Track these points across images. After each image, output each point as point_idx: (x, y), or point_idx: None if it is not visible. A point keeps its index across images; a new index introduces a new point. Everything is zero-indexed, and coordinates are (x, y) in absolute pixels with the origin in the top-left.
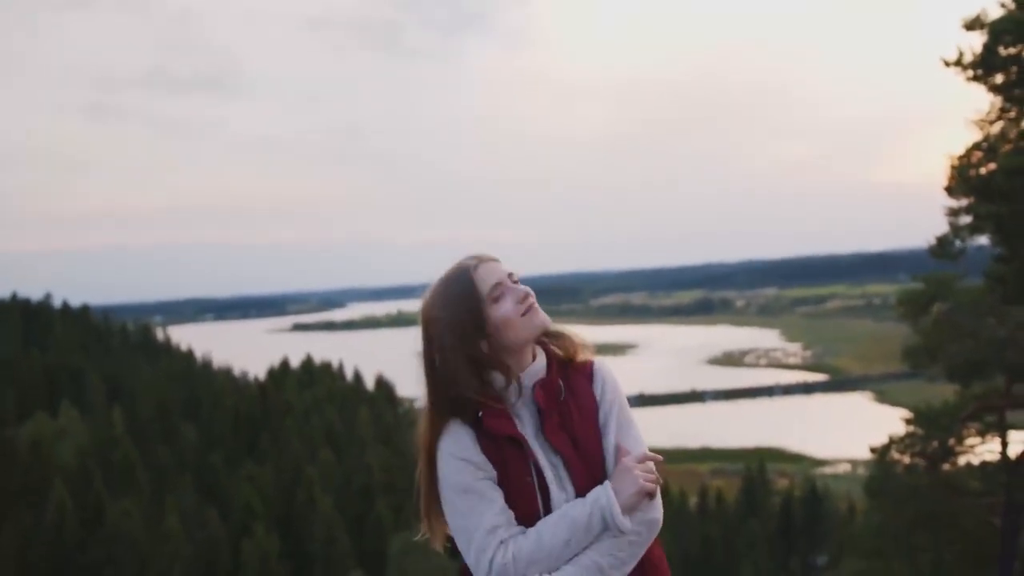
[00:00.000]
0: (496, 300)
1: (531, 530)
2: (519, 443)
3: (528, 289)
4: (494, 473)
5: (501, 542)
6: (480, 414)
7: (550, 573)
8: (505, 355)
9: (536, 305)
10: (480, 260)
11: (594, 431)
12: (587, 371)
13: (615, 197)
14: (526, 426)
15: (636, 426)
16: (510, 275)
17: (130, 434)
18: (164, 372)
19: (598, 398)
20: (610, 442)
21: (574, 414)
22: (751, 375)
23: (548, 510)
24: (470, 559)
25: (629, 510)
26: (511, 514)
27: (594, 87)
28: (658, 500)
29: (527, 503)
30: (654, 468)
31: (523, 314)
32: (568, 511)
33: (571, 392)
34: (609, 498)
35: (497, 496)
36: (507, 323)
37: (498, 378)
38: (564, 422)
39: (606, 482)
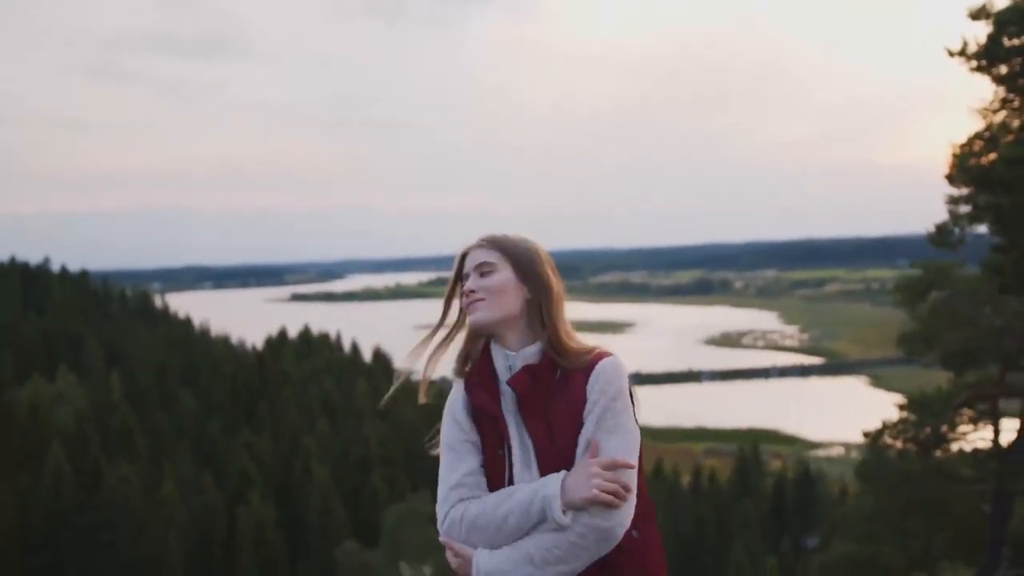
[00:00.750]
0: (457, 293)
1: (483, 498)
2: (495, 417)
3: (470, 288)
4: (476, 437)
5: (461, 500)
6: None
7: (489, 548)
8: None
9: (474, 304)
10: (472, 246)
11: (574, 425)
12: (589, 367)
13: (617, 174)
14: (509, 403)
15: (627, 433)
16: (480, 265)
17: (128, 400)
18: (162, 339)
19: (588, 394)
20: (584, 438)
21: (559, 404)
22: (748, 356)
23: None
24: (436, 507)
25: (572, 508)
26: (481, 480)
27: (598, 61)
28: (618, 513)
29: (497, 475)
30: (624, 480)
31: (466, 308)
32: (517, 489)
33: (564, 383)
34: (553, 489)
35: (472, 459)
36: (461, 318)
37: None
38: (545, 409)
39: (561, 473)
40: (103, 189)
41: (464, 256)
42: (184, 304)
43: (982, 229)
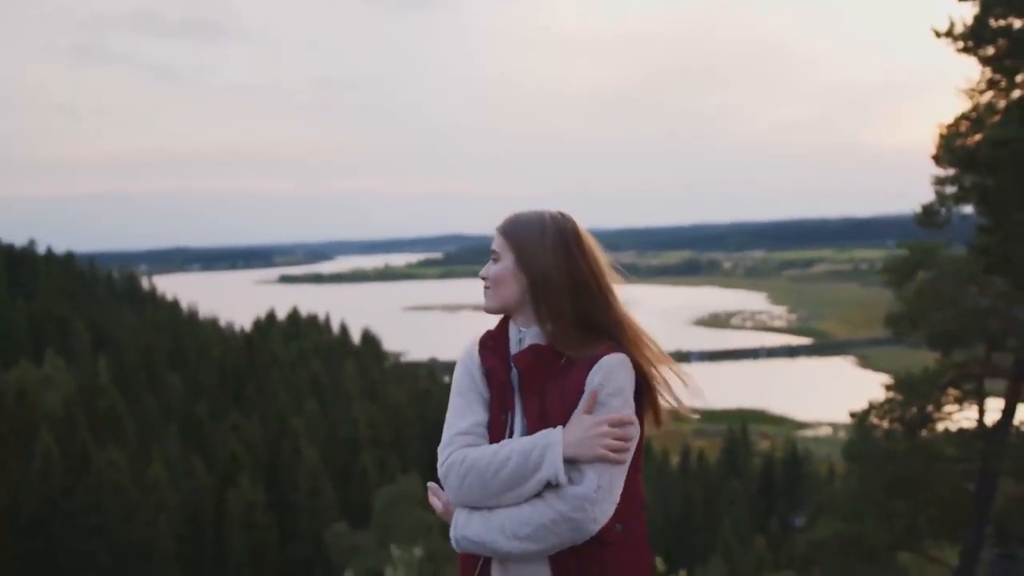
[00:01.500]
0: None
1: (483, 445)
2: (503, 384)
3: (483, 275)
4: (487, 394)
5: (467, 445)
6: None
7: (480, 496)
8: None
9: (484, 291)
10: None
11: (565, 414)
12: (592, 361)
13: (606, 154)
14: (515, 374)
15: (602, 407)
16: (491, 251)
17: (116, 383)
18: (150, 321)
19: (586, 386)
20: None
21: (556, 390)
22: (737, 337)
23: None
24: (439, 449)
25: (574, 462)
26: (486, 433)
27: (589, 41)
28: (595, 508)
29: (495, 439)
30: (629, 435)
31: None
32: (516, 439)
33: (566, 371)
34: (555, 438)
35: (482, 412)
36: None
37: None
38: (542, 391)
39: (558, 427)
40: (89, 172)
41: None
42: (172, 286)
43: (968, 210)
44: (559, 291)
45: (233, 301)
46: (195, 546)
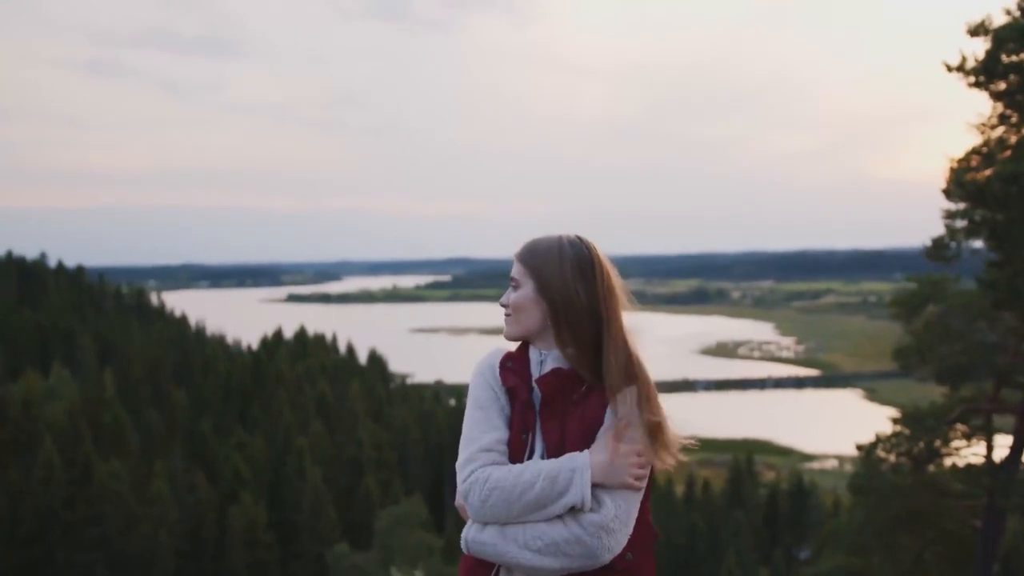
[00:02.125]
0: None
1: (507, 465)
2: (525, 402)
3: (504, 302)
4: (508, 409)
5: (492, 463)
6: (504, 362)
7: (499, 518)
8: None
9: (506, 318)
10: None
11: (584, 443)
12: (611, 391)
13: (614, 180)
14: (536, 395)
15: (627, 438)
16: (511, 278)
17: (121, 396)
18: (157, 336)
19: (607, 415)
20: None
21: (575, 417)
22: (744, 367)
23: None
24: (458, 463)
25: (602, 486)
26: (506, 451)
27: (598, 66)
28: (612, 537)
29: (515, 457)
30: (648, 464)
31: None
32: (538, 461)
33: (584, 398)
34: (582, 462)
35: (503, 428)
36: None
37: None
38: (563, 416)
39: (584, 452)
40: (101, 185)
41: None
42: (180, 302)
43: (978, 244)
44: (581, 316)
45: (240, 319)
46: (195, 562)
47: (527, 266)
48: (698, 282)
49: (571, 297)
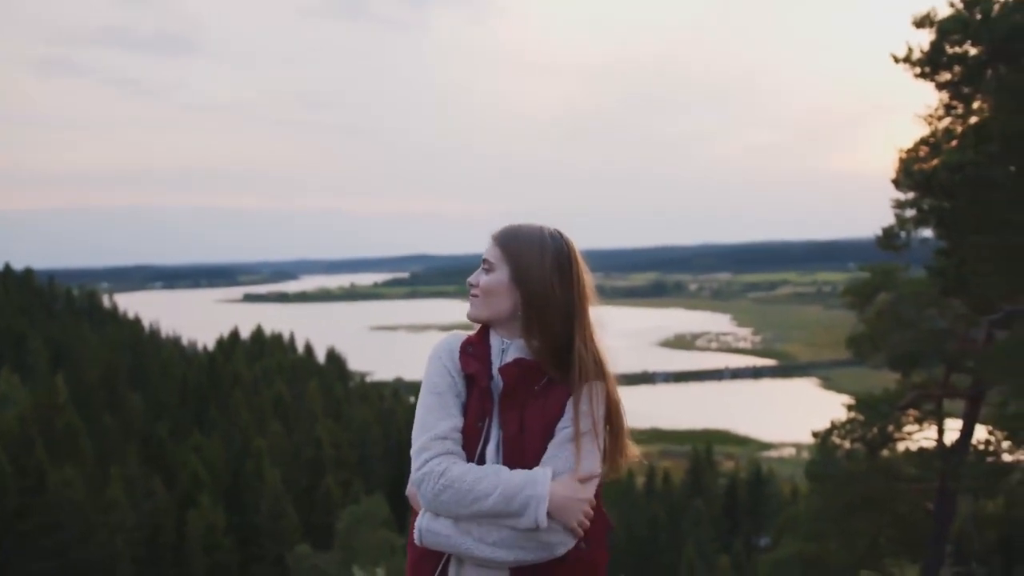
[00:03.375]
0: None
1: (469, 465)
2: (484, 389)
3: (470, 281)
4: (464, 395)
5: (447, 452)
6: (465, 346)
7: (449, 515)
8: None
9: (471, 298)
10: (491, 235)
11: (543, 435)
12: (574, 385)
13: (574, 176)
14: (496, 384)
15: (594, 460)
16: (484, 260)
17: (74, 401)
18: (110, 339)
19: (567, 410)
20: (553, 443)
21: (536, 409)
22: (702, 358)
23: (481, 461)
24: (413, 451)
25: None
26: (460, 438)
27: (558, 63)
28: (568, 534)
29: (469, 445)
30: (591, 515)
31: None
32: (502, 470)
33: (546, 390)
34: (542, 491)
35: (459, 416)
36: None
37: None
38: (523, 407)
39: (548, 472)
40: (51, 186)
41: None
42: (133, 304)
43: (927, 233)
44: (553, 310)
45: (196, 320)
46: (154, 568)
47: (505, 251)
48: (656, 275)
49: (547, 290)
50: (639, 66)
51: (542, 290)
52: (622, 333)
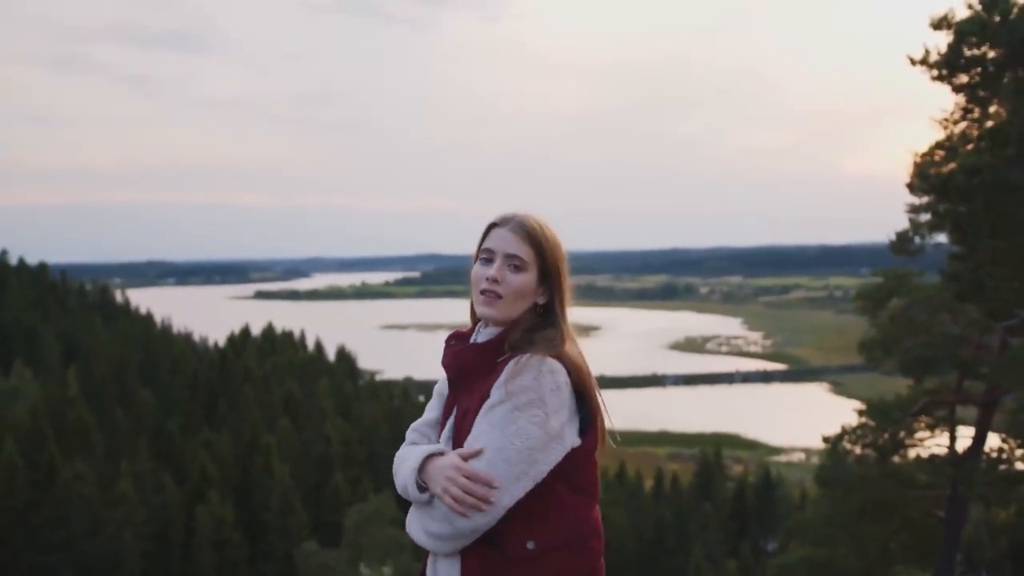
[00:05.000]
0: (478, 261)
1: (409, 447)
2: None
3: (495, 277)
4: (446, 390)
5: (410, 443)
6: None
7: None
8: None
9: (488, 298)
10: (504, 222)
11: (474, 416)
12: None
13: (584, 177)
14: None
15: (508, 443)
16: (511, 256)
17: (85, 396)
18: (122, 335)
19: (493, 388)
20: (472, 432)
21: (476, 392)
22: (712, 361)
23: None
24: None
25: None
26: (431, 431)
27: (569, 63)
28: (462, 521)
29: (437, 436)
30: (479, 492)
31: (480, 293)
32: (415, 450)
33: (491, 373)
34: (414, 464)
35: (438, 407)
36: (472, 287)
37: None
38: (470, 391)
39: (434, 447)
40: (66, 182)
41: (493, 226)
42: (146, 300)
43: (941, 238)
44: (558, 315)
45: (207, 316)
46: (162, 563)
47: (538, 252)
48: (667, 278)
49: (564, 296)
50: (651, 66)
51: (561, 296)
52: (632, 335)
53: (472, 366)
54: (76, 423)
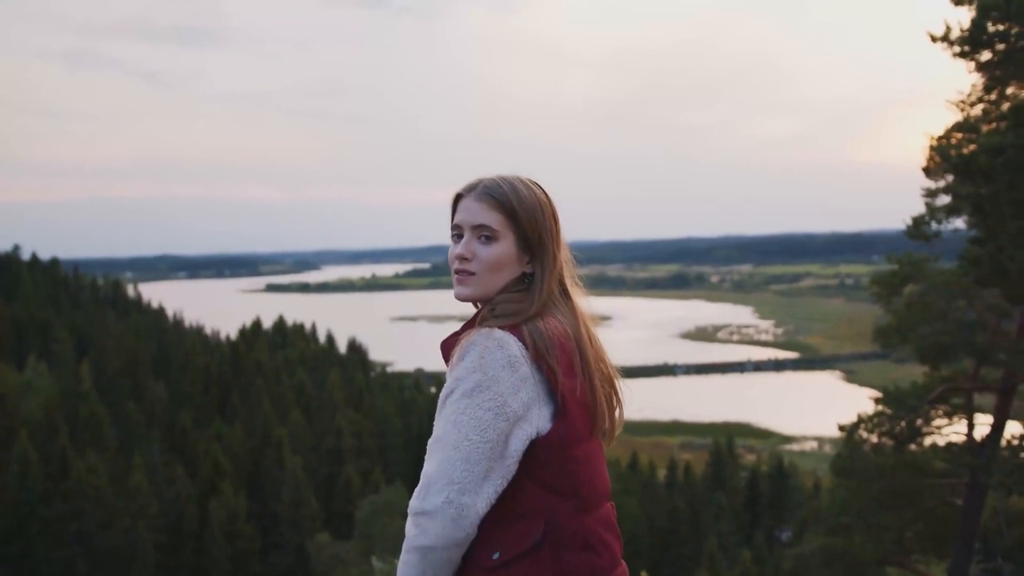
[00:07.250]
0: (452, 238)
1: None
2: None
3: (462, 254)
4: None
5: None
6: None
7: None
8: None
9: (460, 277)
10: (468, 190)
11: None
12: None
13: (595, 166)
14: None
15: (446, 446)
16: (479, 227)
17: (98, 390)
18: (134, 329)
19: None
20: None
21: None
22: (723, 350)
23: None
24: None
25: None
26: None
27: (580, 53)
28: (431, 530)
29: None
30: None
31: (454, 273)
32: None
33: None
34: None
35: None
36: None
37: None
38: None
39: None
40: (77, 177)
41: (458, 197)
42: (157, 294)
43: (958, 223)
44: (538, 283)
45: (219, 309)
46: (176, 555)
47: (512, 218)
48: (677, 267)
49: (554, 253)
50: (660, 56)
51: (554, 262)
52: (643, 325)
53: (448, 356)
54: (89, 416)
